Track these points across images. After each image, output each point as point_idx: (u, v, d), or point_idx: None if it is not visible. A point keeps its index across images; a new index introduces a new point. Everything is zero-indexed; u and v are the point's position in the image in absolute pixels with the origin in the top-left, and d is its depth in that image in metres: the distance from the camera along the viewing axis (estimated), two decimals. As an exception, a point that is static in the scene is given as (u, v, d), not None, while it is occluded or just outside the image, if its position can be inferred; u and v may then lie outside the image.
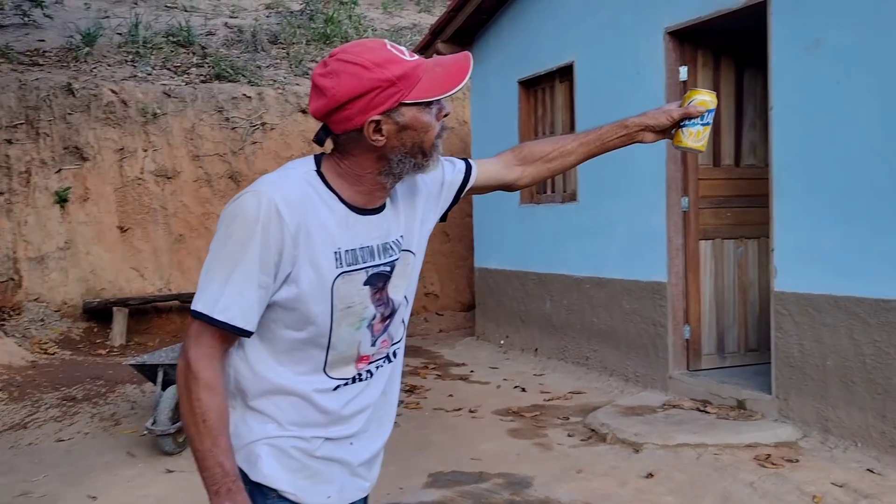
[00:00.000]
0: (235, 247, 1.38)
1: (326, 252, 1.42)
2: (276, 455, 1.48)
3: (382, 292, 1.52)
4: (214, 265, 1.40)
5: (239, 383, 1.48)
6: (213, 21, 10.85)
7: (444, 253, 9.63)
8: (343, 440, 1.55)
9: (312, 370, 1.49)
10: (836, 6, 4.25)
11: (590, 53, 6.21)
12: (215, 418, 1.39)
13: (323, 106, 1.40)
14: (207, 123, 8.76)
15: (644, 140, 1.76)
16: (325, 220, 1.43)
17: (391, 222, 1.53)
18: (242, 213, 1.38)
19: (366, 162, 1.44)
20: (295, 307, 1.43)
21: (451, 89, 1.40)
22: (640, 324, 5.73)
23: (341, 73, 1.37)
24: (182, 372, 1.41)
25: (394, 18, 12.30)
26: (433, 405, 5.58)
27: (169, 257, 8.41)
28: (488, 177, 1.76)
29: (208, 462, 1.38)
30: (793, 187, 4.53)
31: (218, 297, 1.38)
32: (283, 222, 1.37)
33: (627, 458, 4.27)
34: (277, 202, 1.37)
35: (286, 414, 1.48)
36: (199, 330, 1.40)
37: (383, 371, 1.60)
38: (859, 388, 4.16)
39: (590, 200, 6.26)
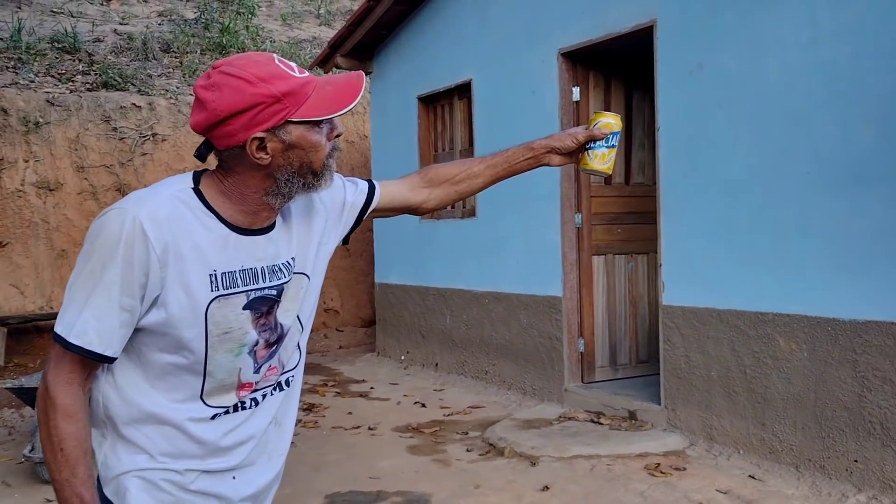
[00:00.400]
0: (96, 267, 1.30)
1: (200, 274, 1.35)
2: (147, 488, 1.40)
3: (268, 317, 1.45)
4: (76, 285, 1.33)
5: (108, 410, 1.40)
6: (101, 27, 10.40)
7: (344, 268, 9.53)
8: (224, 473, 1.47)
9: (188, 397, 1.41)
10: (718, 32, 4.47)
11: (487, 72, 6.30)
12: (73, 447, 1.31)
13: (203, 120, 1.33)
14: (93, 133, 8.36)
15: (550, 163, 1.76)
16: (199, 241, 1.35)
17: (280, 244, 1.46)
18: (105, 231, 1.31)
19: (251, 180, 1.37)
20: (165, 331, 1.36)
21: (340, 109, 1.35)
22: (537, 337, 5.83)
23: (223, 86, 1.31)
24: (41, 397, 1.33)
25: (293, 31, 12.14)
26: (332, 423, 5.48)
27: (51, 273, 7.97)
28: (393, 199, 1.72)
29: (65, 493, 1.31)
30: (678, 205, 4.72)
31: (75, 320, 1.31)
32: (149, 242, 1.30)
33: (524, 472, 4.31)
34: (143, 221, 1.30)
35: (157, 444, 1.41)
36: (60, 353, 1.33)
37: (273, 400, 1.53)
38: (741, 397, 4.36)
39: (488, 216, 6.34)
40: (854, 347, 3.81)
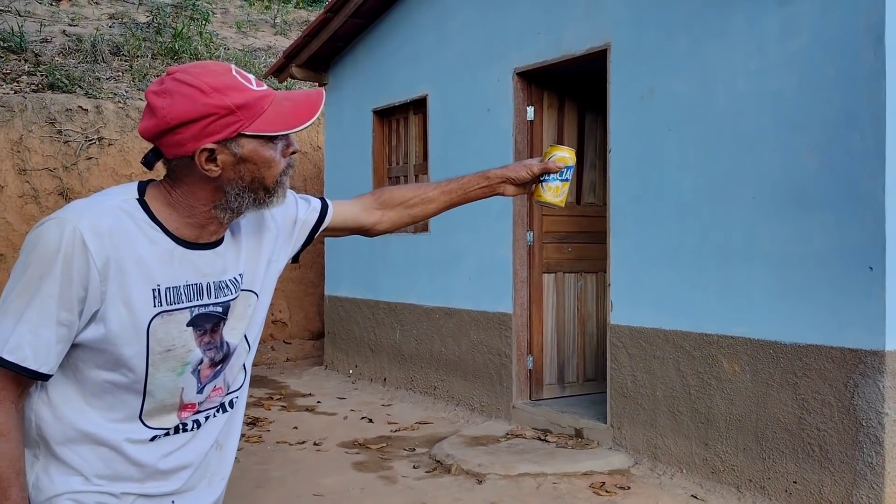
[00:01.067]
0: (32, 279, 1.25)
1: (142, 289, 1.31)
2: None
3: (214, 335, 1.41)
4: (9, 298, 1.26)
5: (41, 430, 1.34)
6: (49, 28, 10.14)
7: (293, 279, 9.41)
8: (162, 498, 1.42)
9: (126, 418, 1.36)
10: (670, 58, 4.56)
11: (443, 88, 6.32)
12: (6, 467, 1.25)
13: (152, 126, 1.29)
14: (37, 135, 8.12)
15: (505, 192, 1.76)
16: (143, 254, 1.31)
17: (228, 259, 1.42)
18: (42, 242, 1.25)
19: (200, 192, 1.33)
20: (104, 348, 1.30)
21: (296, 125, 1.31)
22: (487, 354, 5.83)
23: (175, 93, 1.27)
24: None
25: (248, 39, 12.01)
26: (276, 438, 5.38)
27: (-14, 279, 7.69)
28: (345, 218, 1.69)
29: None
30: (627, 226, 4.78)
31: (8, 334, 1.25)
32: (90, 254, 1.25)
33: (471, 490, 4.29)
34: (83, 232, 1.25)
35: (93, 466, 1.35)
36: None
37: (216, 422, 1.48)
38: (685, 417, 4.41)
39: (441, 232, 6.33)
40: (795, 370, 3.90)
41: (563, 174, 1.72)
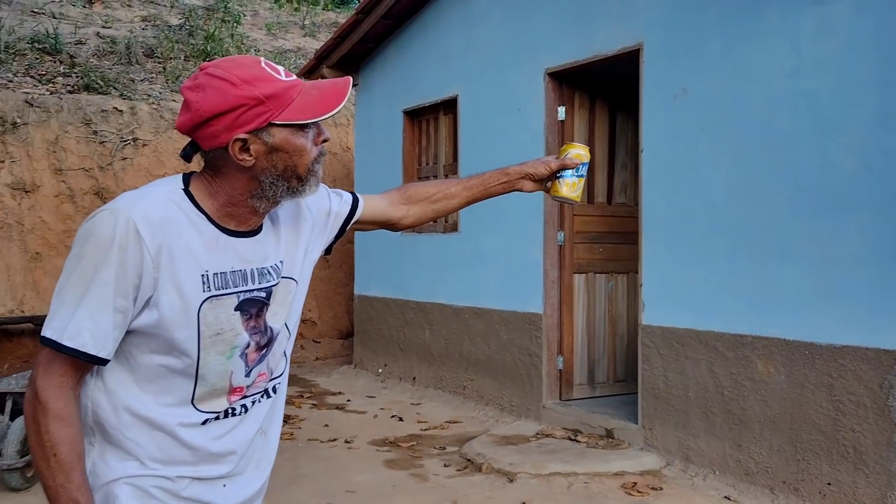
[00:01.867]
0: (88, 269, 1.29)
1: (192, 275, 1.35)
2: (137, 496, 1.38)
3: (258, 319, 1.45)
4: (66, 288, 1.31)
5: (97, 416, 1.38)
6: (84, 30, 10.32)
7: (323, 279, 9.48)
8: (215, 481, 1.46)
9: (179, 402, 1.40)
10: (703, 58, 4.55)
11: (474, 88, 6.34)
12: (67, 451, 1.29)
13: (188, 120, 1.34)
14: (73, 136, 8.27)
15: (523, 188, 1.83)
16: (192, 242, 1.35)
17: (268, 247, 1.46)
18: (97, 232, 1.30)
19: (237, 182, 1.38)
20: (157, 333, 1.34)
21: (325, 113, 1.36)
22: (516, 354, 5.84)
23: (207, 87, 1.32)
24: (30, 402, 1.30)
25: (278, 41, 12.12)
26: (308, 436, 5.44)
27: (23, 276, 7.84)
28: (374, 212, 1.74)
29: (61, 499, 1.28)
30: (659, 226, 4.77)
31: (67, 322, 1.29)
32: (143, 243, 1.29)
33: (502, 488, 4.31)
34: (136, 221, 1.29)
35: (148, 450, 1.39)
36: (49, 357, 1.30)
37: (261, 407, 1.52)
38: (718, 418, 4.40)
39: (471, 232, 6.36)
40: (830, 372, 3.87)
41: (578, 170, 1.79)
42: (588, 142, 5.75)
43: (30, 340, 7.67)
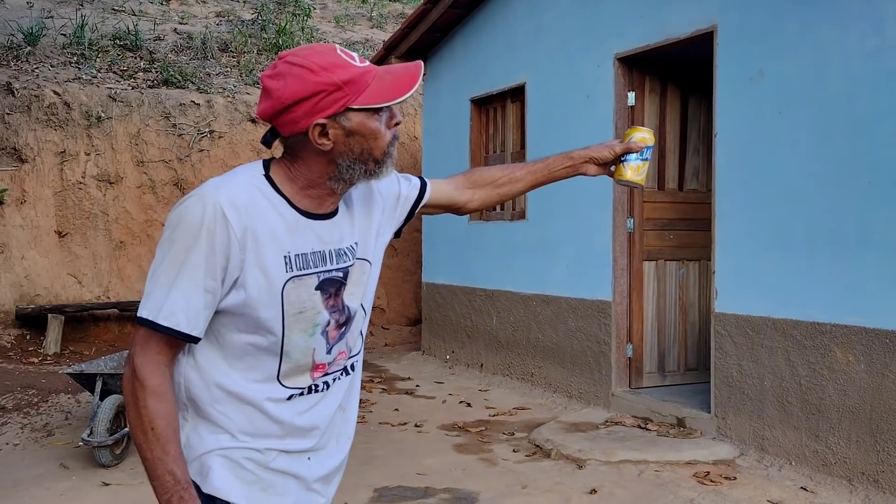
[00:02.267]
0: (179, 252, 1.36)
1: (275, 256, 1.41)
2: (229, 467, 1.45)
3: (336, 298, 1.50)
4: (159, 270, 1.37)
5: (190, 392, 1.45)
6: (161, 26, 10.67)
7: (391, 267, 9.61)
8: (300, 454, 1.52)
9: (265, 378, 1.46)
10: (780, 39, 4.43)
11: (541, 75, 6.32)
12: (164, 426, 1.36)
13: (269, 108, 1.40)
14: (153, 129, 8.59)
15: (587, 172, 1.84)
16: (274, 225, 1.41)
17: (344, 229, 1.52)
18: (187, 217, 1.36)
19: (315, 166, 1.43)
20: (244, 312, 1.41)
21: (399, 96, 1.40)
22: (585, 341, 5.82)
23: (287, 75, 1.37)
24: (128, 380, 1.37)
25: (346, 33, 12.29)
26: (379, 419, 5.55)
27: (109, 264, 8.20)
28: (441, 196, 1.78)
29: (158, 470, 1.36)
30: (734, 212, 4.68)
31: (162, 302, 1.36)
32: (230, 226, 1.36)
33: (571, 474, 4.32)
34: (223, 205, 1.36)
35: (238, 424, 1.45)
36: (145, 337, 1.37)
37: (340, 384, 1.58)
38: (794, 408, 4.30)
39: (538, 219, 6.35)
40: (914, 361, 3.74)
41: (643, 154, 1.78)
42: (659, 127, 5.67)
43: (115, 325, 8.03)
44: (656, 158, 5.67)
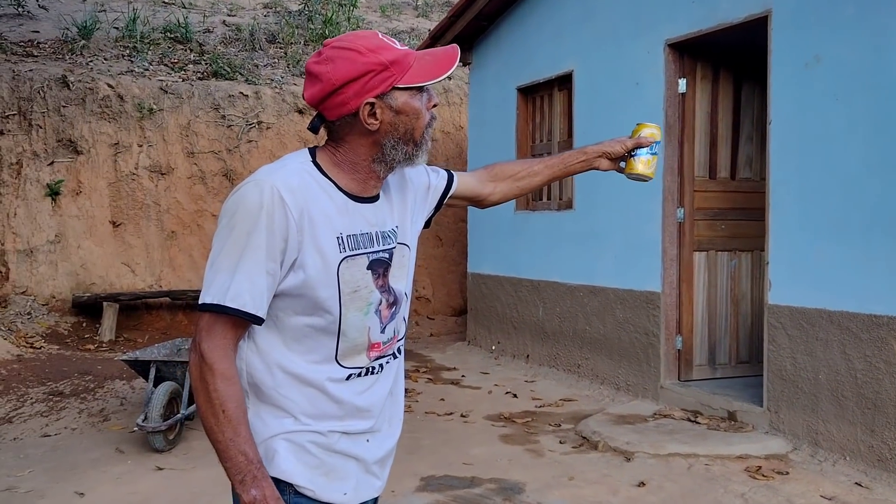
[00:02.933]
0: (240, 236, 1.39)
1: (329, 237, 1.44)
2: (294, 450, 1.47)
3: (384, 279, 1.54)
4: (220, 256, 1.40)
5: (252, 377, 1.48)
6: (210, 18, 10.82)
7: (436, 257, 9.63)
8: (360, 436, 1.55)
9: (325, 359, 1.49)
10: (836, 23, 4.29)
11: (589, 63, 6.24)
12: (234, 408, 1.39)
13: (318, 91, 1.44)
14: (203, 120, 8.73)
15: (600, 167, 1.93)
16: (326, 207, 1.45)
17: (386, 213, 1.56)
18: (245, 202, 1.39)
19: (360, 148, 1.48)
20: (302, 293, 1.44)
21: (440, 75, 1.47)
22: (633, 333, 5.75)
23: (336, 58, 1.42)
24: (196, 365, 1.40)
25: (392, 22, 12.31)
26: (424, 409, 5.57)
27: (161, 253, 8.37)
28: (466, 189, 1.84)
29: (231, 452, 1.38)
30: (788, 201, 4.56)
31: (228, 285, 1.39)
32: (287, 208, 1.39)
33: (619, 467, 4.28)
34: (280, 189, 1.39)
35: (301, 406, 1.48)
36: (210, 322, 1.40)
37: (390, 367, 1.61)
38: (850, 402, 4.19)
39: (586, 209, 6.28)
40: (979, 356, 3.61)
41: (652, 148, 1.87)
42: (711, 115, 5.56)
43: (167, 313, 8.21)
44: (708, 147, 5.56)
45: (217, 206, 8.63)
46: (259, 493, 1.37)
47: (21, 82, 8.08)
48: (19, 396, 5.55)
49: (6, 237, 7.69)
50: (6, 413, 5.24)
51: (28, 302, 7.59)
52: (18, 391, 5.65)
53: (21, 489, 3.98)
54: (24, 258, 7.71)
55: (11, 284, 7.61)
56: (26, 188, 7.86)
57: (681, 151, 5.46)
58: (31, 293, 7.66)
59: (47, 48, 9.01)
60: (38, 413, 5.27)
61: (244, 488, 1.38)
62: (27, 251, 7.73)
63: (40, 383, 5.85)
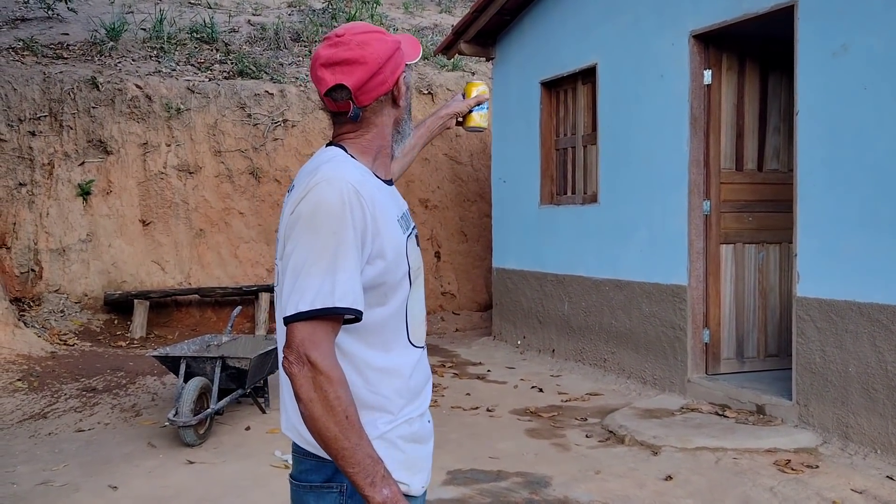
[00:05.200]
0: (328, 236, 1.37)
1: (392, 222, 1.49)
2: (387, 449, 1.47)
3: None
4: (309, 262, 1.37)
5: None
6: (236, 18, 10.92)
7: (461, 253, 9.64)
8: (423, 416, 1.57)
9: (402, 344, 1.52)
10: (864, 12, 4.23)
11: (613, 56, 6.21)
12: (354, 412, 1.36)
13: (364, 74, 1.47)
14: (230, 119, 8.81)
15: (449, 125, 2.16)
16: (381, 195, 1.50)
17: (398, 193, 1.64)
18: (325, 203, 1.38)
19: (386, 129, 1.56)
20: (382, 281, 1.45)
21: (419, 54, 1.62)
22: (659, 327, 5.72)
23: (367, 42, 1.48)
24: (307, 378, 1.34)
25: (415, 18, 12.32)
26: (451, 403, 5.59)
27: (189, 251, 8.48)
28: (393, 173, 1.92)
29: (358, 456, 1.34)
30: (817, 192, 4.51)
31: (331, 286, 1.36)
32: (363, 201, 1.41)
33: (646, 461, 4.27)
34: (354, 184, 1.41)
35: (392, 400, 1.49)
36: (312, 330, 1.35)
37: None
38: (881, 395, 4.14)
39: (611, 202, 6.26)
40: None
41: (484, 106, 2.15)
42: (737, 106, 5.51)
43: (196, 310, 8.31)
44: (734, 138, 5.51)
45: (244, 203, 8.72)
46: (389, 490, 1.35)
47: (52, 84, 8.22)
48: (53, 392, 5.66)
49: (39, 237, 7.84)
50: (41, 408, 5.35)
51: (61, 300, 7.73)
52: (53, 387, 5.76)
53: (56, 483, 4.06)
54: (57, 257, 7.86)
55: (45, 283, 7.75)
56: (58, 188, 8.00)
57: (706, 143, 5.41)
58: (64, 291, 7.80)
59: (77, 50, 9.16)
60: (72, 409, 5.37)
61: (375, 490, 1.35)
62: (60, 250, 7.87)
63: (74, 379, 5.96)
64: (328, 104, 1.52)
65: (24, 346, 6.46)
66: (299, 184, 1.48)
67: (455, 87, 10.06)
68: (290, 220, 1.42)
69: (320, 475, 1.48)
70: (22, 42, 8.87)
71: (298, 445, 1.53)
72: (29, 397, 5.52)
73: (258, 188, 8.80)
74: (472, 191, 9.82)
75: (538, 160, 7.18)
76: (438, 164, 9.73)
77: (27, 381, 5.81)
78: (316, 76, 1.50)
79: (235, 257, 8.60)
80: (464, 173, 9.85)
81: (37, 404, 5.42)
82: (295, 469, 1.55)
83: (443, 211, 9.64)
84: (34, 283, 7.74)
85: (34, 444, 4.70)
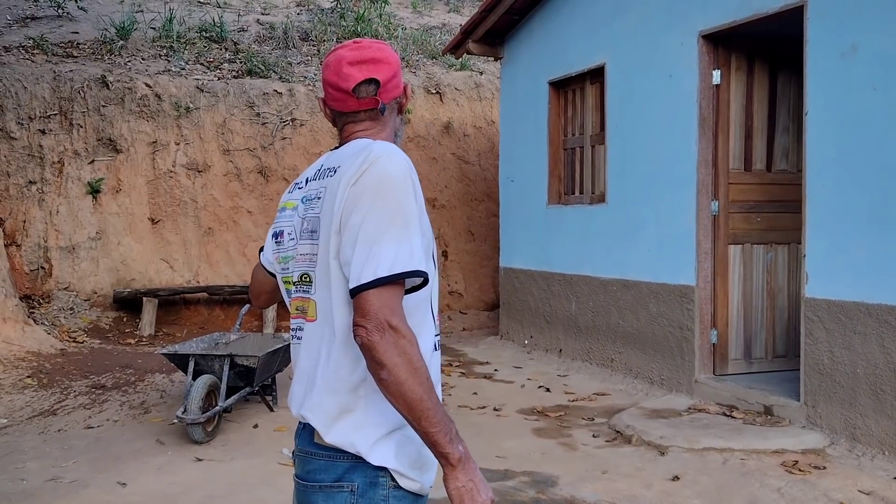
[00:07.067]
0: (395, 207, 1.42)
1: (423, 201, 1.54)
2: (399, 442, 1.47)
3: None
4: (380, 231, 1.39)
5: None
6: (245, 17, 10.95)
7: (468, 252, 9.64)
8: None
9: (430, 326, 1.53)
10: (874, 12, 4.22)
11: (621, 55, 6.20)
12: (430, 374, 1.40)
13: (389, 72, 1.57)
14: (238, 118, 8.84)
15: None
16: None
17: None
18: (390, 174, 1.43)
19: (391, 129, 1.64)
20: None
21: None
22: (667, 327, 5.72)
23: (385, 48, 1.59)
24: (391, 343, 1.34)
25: (423, 18, 12.33)
26: (458, 402, 5.60)
27: (198, 250, 8.51)
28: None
29: (439, 415, 1.37)
30: (826, 193, 4.50)
31: (409, 251, 1.40)
32: (415, 175, 1.48)
33: (653, 461, 4.27)
34: (407, 158, 1.49)
35: None
36: (389, 296, 1.37)
37: None
38: (889, 396, 4.13)
39: (618, 202, 6.25)
40: None
41: None
42: (746, 106, 5.50)
43: (205, 308, 8.34)
44: (743, 138, 5.50)
45: (252, 202, 8.74)
46: (463, 447, 1.39)
47: (62, 82, 8.26)
48: (63, 389, 5.69)
49: (49, 234, 7.88)
50: (51, 405, 5.39)
51: (70, 297, 7.77)
52: (62, 384, 5.80)
53: (66, 479, 4.09)
54: (67, 255, 7.90)
55: (54, 280, 7.80)
56: (68, 186, 8.04)
57: (715, 143, 5.41)
58: (74, 289, 7.85)
59: (87, 49, 9.20)
60: (81, 405, 5.41)
61: (454, 446, 1.37)
62: (69, 248, 7.91)
63: (83, 376, 6.00)
64: (348, 104, 1.56)
65: (33, 344, 6.50)
66: (347, 164, 1.48)
67: (463, 87, 10.07)
68: (351, 194, 1.43)
69: (330, 475, 1.47)
70: (32, 40, 8.92)
71: (309, 443, 1.52)
72: (38, 394, 5.56)
73: (266, 187, 8.82)
74: (480, 190, 9.83)
75: (546, 160, 7.18)
76: (446, 164, 9.74)
77: (37, 378, 5.84)
78: (342, 73, 1.54)
79: (244, 256, 8.63)
80: (471, 172, 9.86)
81: (46, 401, 5.46)
82: (301, 469, 1.54)
83: (450, 210, 9.65)
84: (44, 281, 7.78)
85: (44, 440, 4.73)
